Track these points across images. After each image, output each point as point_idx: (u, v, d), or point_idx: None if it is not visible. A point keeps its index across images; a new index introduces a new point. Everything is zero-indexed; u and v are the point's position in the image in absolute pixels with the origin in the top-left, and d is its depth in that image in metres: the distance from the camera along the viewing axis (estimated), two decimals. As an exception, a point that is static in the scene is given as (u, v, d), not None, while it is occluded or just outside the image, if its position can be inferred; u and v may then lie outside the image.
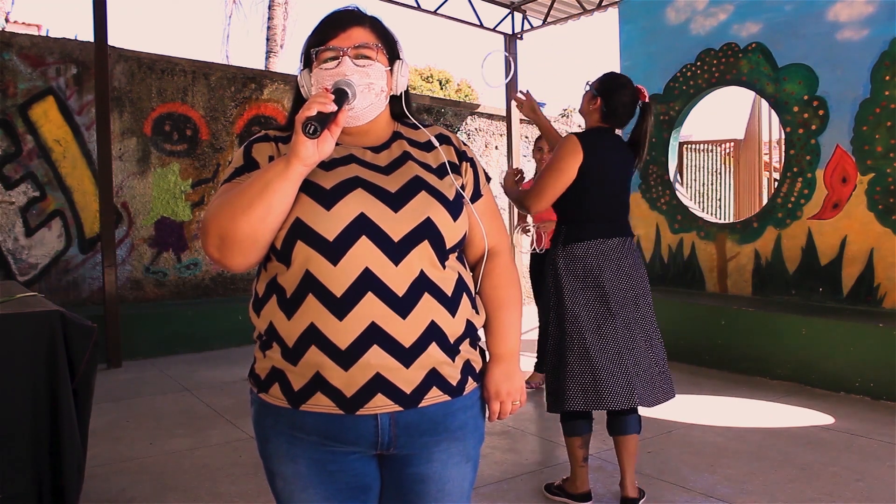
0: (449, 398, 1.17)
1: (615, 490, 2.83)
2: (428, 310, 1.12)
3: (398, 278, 1.10)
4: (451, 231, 1.16)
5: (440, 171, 1.22)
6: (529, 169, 8.83)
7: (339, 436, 1.13)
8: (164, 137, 6.01)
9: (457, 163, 1.26)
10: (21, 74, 5.30)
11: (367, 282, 1.09)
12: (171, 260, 6.09)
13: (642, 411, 2.72)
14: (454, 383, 1.17)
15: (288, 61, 15.25)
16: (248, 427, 3.43)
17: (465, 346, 1.20)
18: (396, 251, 1.10)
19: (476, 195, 1.28)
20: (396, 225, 1.11)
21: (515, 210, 3.42)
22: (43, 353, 2.31)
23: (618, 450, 2.64)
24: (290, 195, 1.06)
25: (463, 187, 1.25)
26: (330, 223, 1.09)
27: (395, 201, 1.13)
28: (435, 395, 1.15)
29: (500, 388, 1.25)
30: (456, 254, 1.21)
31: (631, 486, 2.62)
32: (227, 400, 4.18)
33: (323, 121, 1.00)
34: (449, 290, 1.16)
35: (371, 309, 1.08)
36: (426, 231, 1.12)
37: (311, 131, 0.99)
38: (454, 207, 1.18)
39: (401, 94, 1.25)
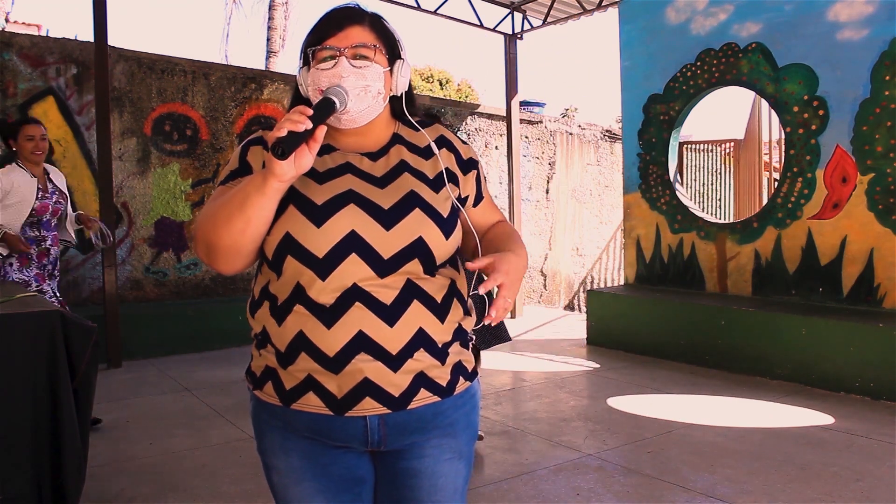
0: (438, 399, 1.17)
1: (616, 490, 2.84)
2: (416, 317, 1.12)
3: (386, 289, 1.10)
4: (442, 249, 1.15)
5: (436, 183, 1.19)
6: (529, 170, 8.84)
7: (329, 434, 1.15)
8: (164, 137, 6.01)
9: (456, 171, 1.24)
10: (21, 74, 5.30)
11: (356, 294, 1.09)
12: (171, 260, 6.09)
13: (641, 410, 2.72)
14: (444, 384, 1.17)
15: (288, 61, 15.25)
16: (248, 427, 3.43)
17: (454, 349, 1.19)
18: (386, 267, 1.10)
19: (479, 199, 1.28)
20: (387, 243, 1.10)
21: None
22: (43, 353, 2.31)
23: None
24: (268, 209, 1.06)
25: (460, 197, 1.23)
26: (320, 240, 1.09)
27: (388, 219, 1.12)
28: (424, 397, 1.15)
29: (509, 270, 1.10)
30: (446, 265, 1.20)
31: None
32: (227, 400, 4.18)
33: (293, 142, 0.98)
34: (439, 297, 1.16)
35: (358, 318, 1.09)
36: (417, 250, 1.12)
37: (279, 153, 0.98)
38: (448, 225, 1.17)
39: (401, 94, 1.22)
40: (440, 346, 1.16)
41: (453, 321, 1.18)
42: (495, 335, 3.48)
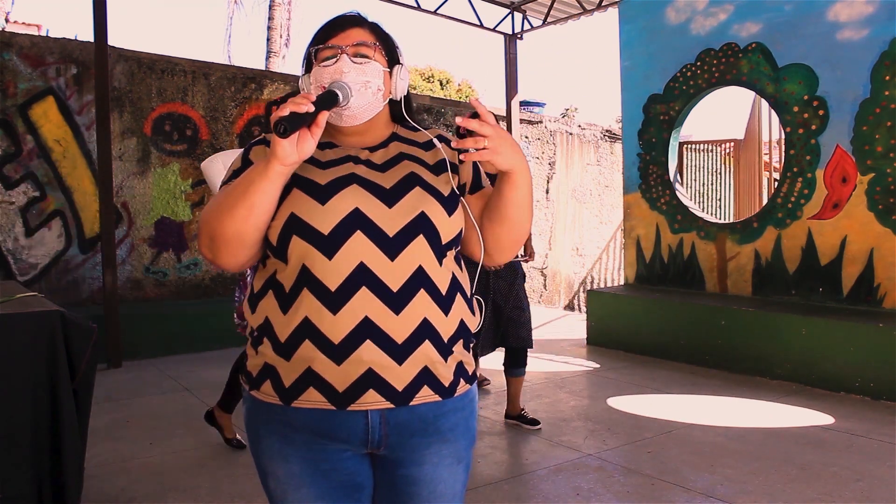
0: (440, 399, 1.17)
1: (616, 490, 2.84)
2: (421, 306, 1.13)
3: (394, 274, 1.11)
4: (447, 226, 1.16)
5: (437, 168, 1.22)
6: (532, 169, 8.83)
7: (329, 432, 1.14)
8: (164, 137, 6.01)
9: (456, 163, 1.26)
10: (21, 74, 5.30)
11: (362, 276, 1.10)
12: (171, 260, 6.09)
13: (641, 410, 2.72)
14: (446, 384, 1.17)
15: (289, 61, 15.25)
16: (248, 427, 3.42)
17: (458, 347, 1.20)
18: (392, 246, 1.11)
19: (477, 186, 1.27)
20: (391, 220, 1.12)
21: None
22: (43, 353, 2.31)
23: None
24: (272, 194, 1.07)
25: (461, 185, 1.25)
26: (324, 217, 1.10)
27: (390, 197, 1.14)
28: (426, 395, 1.15)
29: (499, 129, 1.07)
30: (454, 252, 1.21)
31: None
32: (227, 400, 4.18)
33: (295, 121, 1.00)
34: (444, 288, 1.16)
35: (365, 304, 1.09)
36: (421, 226, 1.13)
37: (280, 131, 1.00)
38: (449, 203, 1.18)
39: (401, 98, 1.26)
40: (445, 340, 1.16)
41: (458, 315, 1.19)
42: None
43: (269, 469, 1.19)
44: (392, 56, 1.24)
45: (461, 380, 1.21)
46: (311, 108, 1.02)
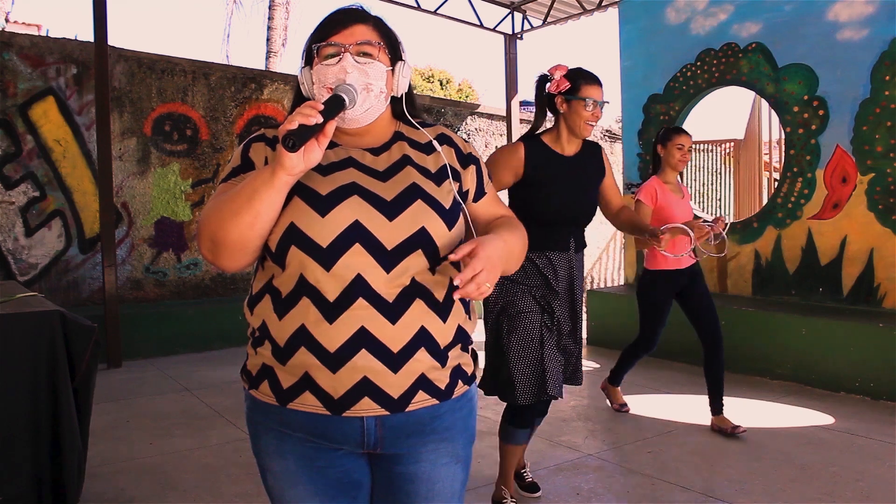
0: (437, 402, 1.16)
1: (616, 490, 2.83)
2: (418, 315, 1.12)
3: (389, 284, 1.10)
4: (445, 240, 1.15)
5: (439, 177, 1.20)
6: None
7: (325, 434, 1.14)
8: (164, 137, 6.01)
9: (457, 167, 1.25)
10: (21, 74, 5.30)
11: (359, 287, 1.09)
12: (171, 260, 6.09)
13: (641, 410, 2.71)
14: (442, 387, 1.17)
15: (289, 61, 15.25)
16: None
17: (455, 352, 1.19)
18: (389, 259, 1.10)
19: (480, 194, 1.28)
20: (390, 234, 1.11)
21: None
22: (43, 353, 2.31)
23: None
24: (277, 203, 1.06)
25: (462, 191, 1.24)
26: (324, 230, 1.09)
27: (391, 210, 1.12)
28: (422, 399, 1.14)
29: (491, 255, 1.07)
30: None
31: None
32: (227, 400, 4.18)
33: (304, 134, 0.99)
34: (441, 295, 1.16)
35: (361, 313, 1.09)
36: (420, 240, 1.12)
37: (289, 145, 0.98)
38: (450, 216, 1.17)
39: (402, 95, 1.24)
40: (441, 347, 1.15)
41: (455, 321, 1.18)
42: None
43: (268, 466, 1.20)
44: (395, 53, 1.21)
45: (459, 381, 1.20)
46: (320, 119, 1.00)
